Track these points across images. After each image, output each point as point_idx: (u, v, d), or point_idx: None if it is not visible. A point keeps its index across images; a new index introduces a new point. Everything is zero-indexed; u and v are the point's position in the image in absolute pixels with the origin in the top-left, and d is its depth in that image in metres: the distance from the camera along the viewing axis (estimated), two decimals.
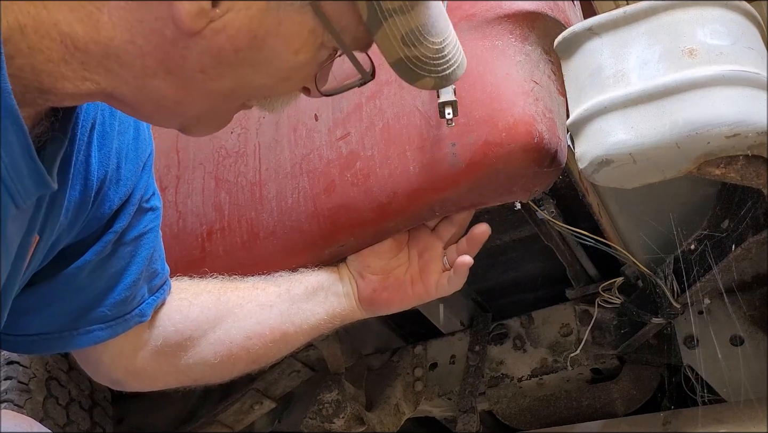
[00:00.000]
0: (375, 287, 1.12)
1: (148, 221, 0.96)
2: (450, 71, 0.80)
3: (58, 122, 0.74)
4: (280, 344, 1.09)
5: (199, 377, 1.08)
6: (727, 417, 1.36)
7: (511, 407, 1.71)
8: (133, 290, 0.96)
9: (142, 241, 0.95)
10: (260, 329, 1.07)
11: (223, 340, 1.06)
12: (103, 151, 0.85)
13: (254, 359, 1.09)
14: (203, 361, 1.06)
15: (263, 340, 1.07)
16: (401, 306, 1.14)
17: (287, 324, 1.08)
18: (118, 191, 0.89)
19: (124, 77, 0.68)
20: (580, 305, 1.63)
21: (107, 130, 0.86)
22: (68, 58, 0.66)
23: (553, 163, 1.06)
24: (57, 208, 0.80)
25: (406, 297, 1.12)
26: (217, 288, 1.10)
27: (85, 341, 0.94)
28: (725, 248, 1.18)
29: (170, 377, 1.07)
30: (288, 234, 1.17)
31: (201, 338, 1.05)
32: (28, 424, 0.91)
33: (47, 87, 0.67)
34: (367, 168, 1.12)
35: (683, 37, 0.91)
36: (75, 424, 1.61)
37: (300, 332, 1.09)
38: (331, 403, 1.59)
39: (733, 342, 1.47)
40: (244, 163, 1.25)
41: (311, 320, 1.10)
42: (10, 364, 1.56)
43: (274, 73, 0.72)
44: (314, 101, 1.21)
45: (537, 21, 1.10)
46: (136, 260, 0.95)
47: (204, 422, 1.76)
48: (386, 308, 1.14)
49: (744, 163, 0.90)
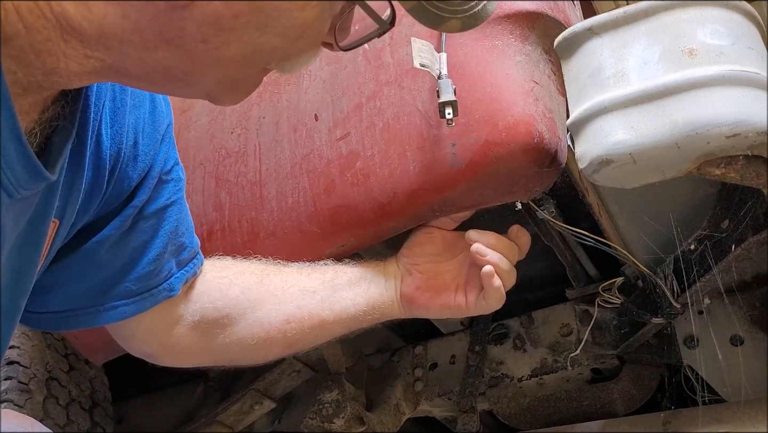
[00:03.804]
0: (419, 285, 1.10)
1: (170, 192, 0.94)
2: (479, 8, 0.73)
3: (68, 106, 0.72)
4: (317, 331, 1.08)
5: (234, 357, 1.07)
6: (727, 417, 1.36)
7: (511, 407, 1.71)
8: (158, 264, 0.94)
9: (165, 214, 0.93)
10: (300, 313, 1.06)
11: (262, 321, 1.05)
12: (115, 128, 0.84)
13: (290, 343, 1.07)
14: (240, 341, 1.05)
15: (301, 325, 1.06)
16: (440, 312, 1.11)
17: (327, 311, 1.07)
18: (137, 168, 0.87)
19: (127, 52, 0.65)
20: (580, 305, 1.63)
21: (118, 106, 0.84)
22: (66, 38, 0.64)
23: (553, 163, 1.06)
24: (75, 192, 0.79)
25: (447, 303, 1.09)
26: (260, 270, 1.09)
27: (111, 316, 0.93)
28: (725, 248, 1.18)
29: (205, 354, 1.06)
30: (288, 234, 1.17)
31: (239, 318, 1.04)
32: (29, 424, 0.91)
33: (51, 67, 0.65)
34: (367, 168, 1.12)
35: (683, 37, 0.91)
36: (75, 424, 1.60)
37: (339, 320, 1.08)
38: (331, 403, 1.59)
39: (733, 342, 1.47)
40: (244, 163, 1.25)
41: (351, 309, 1.09)
42: (10, 364, 1.55)
43: (283, 33, 0.67)
44: (314, 101, 1.21)
45: (537, 21, 1.10)
46: (159, 233, 0.93)
47: (204, 422, 1.76)
48: (425, 311, 1.11)
49: (744, 163, 0.90)
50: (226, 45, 0.66)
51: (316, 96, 1.21)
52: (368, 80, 1.16)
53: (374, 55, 1.17)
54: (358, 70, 1.18)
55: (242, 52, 0.66)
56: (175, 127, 1.36)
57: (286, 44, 0.68)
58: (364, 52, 1.19)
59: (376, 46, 1.18)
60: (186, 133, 1.34)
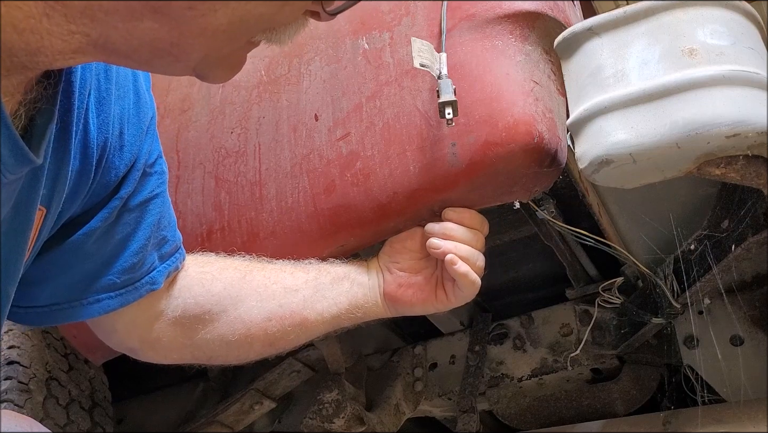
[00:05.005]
0: (401, 282, 1.10)
1: (153, 185, 0.94)
2: None
3: (50, 87, 0.71)
4: (299, 329, 1.08)
5: (215, 354, 1.07)
6: (727, 417, 1.36)
7: (511, 407, 1.71)
8: (141, 256, 0.94)
9: (148, 207, 0.93)
10: (281, 312, 1.06)
11: (243, 318, 1.05)
12: (101, 117, 0.83)
13: (271, 341, 1.07)
14: (220, 337, 1.04)
15: (282, 323, 1.06)
16: (424, 309, 1.12)
17: (308, 310, 1.07)
18: (123, 158, 0.87)
19: (112, 23, 0.64)
20: (580, 305, 1.63)
21: (103, 96, 0.83)
22: (49, 12, 0.62)
23: (553, 163, 1.06)
24: (62, 181, 0.79)
25: (430, 300, 1.10)
26: (244, 266, 1.09)
27: (95, 310, 0.93)
28: (725, 248, 1.18)
29: (186, 350, 1.06)
30: (288, 234, 1.17)
31: (221, 314, 1.04)
32: (28, 424, 0.90)
33: (34, 47, 0.63)
34: (367, 168, 1.12)
35: (683, 37, 0.91)
36: (75, 424, 1.60)
37: (321, 320, 1.08)
38: (331, 403, 1.59)
39: (733, 342, 1.47)
40: (244, 163, 1.25)
41: (333, 309, 1.09)
42: (10, 364, 1.55)
43: None
44: (314, 101, 1.21)
45: (537, 21, 1.10)
46: (142, 225, 0.93)
47: (204, 422, 1.76)
48: (409, 308, 1.12)
49: (744, 163, 0.90)
50: (213, 12, 0.65)
51: (316, 96, 1.21)
52: (368, 80, 1.16)
53: (374, 55, 1.17)
54: (358, 70, 1.18)
55: (229, 20, 0.66)
56: (175, 127, 1.36)
57: (272, 11, 0.67)
58: (364, 52, 1.19)
59: (376, 46, 1.18)
60: (186, 133, 1.34)
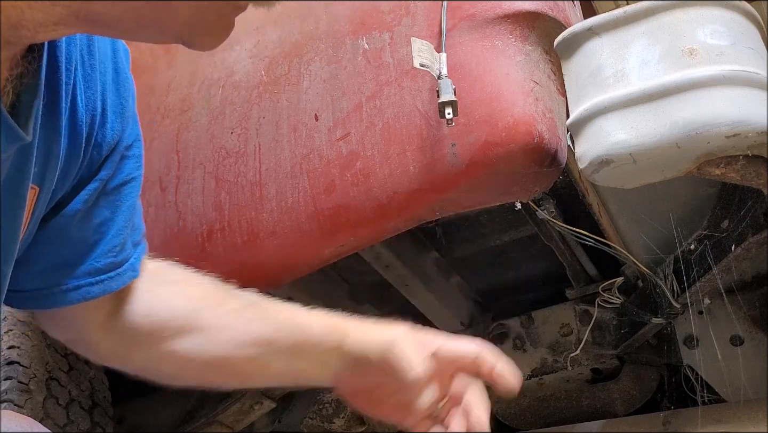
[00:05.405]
0: (356, 390, 0.96)
1: (130, 168, 0.92)
2: None
3: (35, 62, 0.69)
4: (235, 380, 1.02)
5: (149, 370, 1.02)
6: (727, 417, 1.36)
7: (511, 407, 1.71)
8: (121, 239, 0.92)
9: (125, 189, 0.91)
10: (223, 360, 0.99)
11: (184, 349, 0.99)
12: (88, 93, 0.82)
13: (205, 381, 1.03)
14: (159, 358, 0.99)
15: (222, 370, 1.00)
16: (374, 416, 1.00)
17: (252, 366, 0.99)
18: (106, 136, 0.86)
19: None
20: (580, 305, 1.63)
21: (89, 72, 0.82)
22: None
23: (553, 163, 1.06)
24: (53, 159, 0.78)
25: (383, 414, 0.96)
26: (211, 295, 1.01)
27: (75, 297, 0.90)
28: (725, 248, 1.18)
29: (123, 361, 1.01)
30: (288, 234, 1.17)
31: (164, 338, 0.98)
32: (28, 424, 0.90)
33: (15, 21, 0.62)
34: (367, 168, 1.12)
35: (683, 37, 0.91)
36: (75, 424, 1.60)
37: (261, 379, 1.01)
38: (331, 403, 1.59)
39: (733, 342, 1.47)
40: (244, 163, 1.25)
41: (276, 378, 1.01)
42: (10, 364, 1.55)
43: None
44: (314, 101, 1.21)
45: (537, 21, 1.10)
46: (121, 209, 0.91)
47: (204, 422, 1.76)
48: (356, 408, 1.02)
49: (744, 163, 0.90)
50: None
51: (316, 96, 1.21)
52: (368, 80, 1.16)
53: (374, 55, 1.17)
54: (358, 70, 1.18)
55: None
56: (175, 127, 1.36)
57: None
58: (364, 52, 1.19)
59: (376, 46, 1.18)
60: (186, 133, 1.34)
